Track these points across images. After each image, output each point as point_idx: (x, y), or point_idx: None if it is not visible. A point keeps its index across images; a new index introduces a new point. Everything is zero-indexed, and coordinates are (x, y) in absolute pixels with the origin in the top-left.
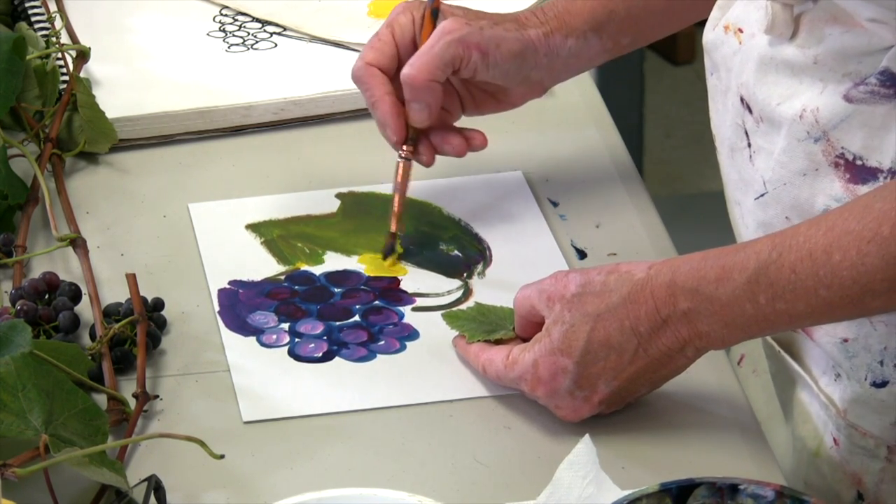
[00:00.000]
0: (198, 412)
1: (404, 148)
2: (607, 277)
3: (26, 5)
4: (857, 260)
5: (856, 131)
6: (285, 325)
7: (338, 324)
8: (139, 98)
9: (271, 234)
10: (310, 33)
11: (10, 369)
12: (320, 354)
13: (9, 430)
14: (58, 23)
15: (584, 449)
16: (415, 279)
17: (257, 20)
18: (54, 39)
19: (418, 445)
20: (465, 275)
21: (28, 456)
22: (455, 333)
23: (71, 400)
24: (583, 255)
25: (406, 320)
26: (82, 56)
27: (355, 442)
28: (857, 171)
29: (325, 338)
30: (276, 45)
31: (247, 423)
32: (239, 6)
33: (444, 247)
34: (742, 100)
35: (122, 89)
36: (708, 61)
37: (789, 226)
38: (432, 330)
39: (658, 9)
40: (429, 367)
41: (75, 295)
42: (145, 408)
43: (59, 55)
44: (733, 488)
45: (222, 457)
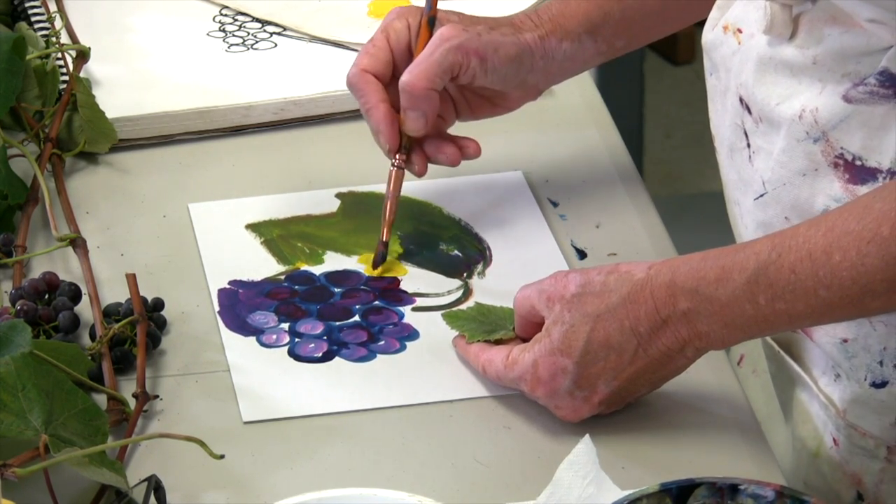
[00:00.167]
0: (198, 412)
1: (398, 157)
2: (607, 278)
3: (26, 5)
4: (857, 260)
5: (855, 131)
6: (285, 325)
7: (338, 324)
8: (139, 98)
9: (271, 233)
10: (309, 33)
11: (10, 369)
12: (320, 354)
13: (9, 430)
14: (58, 23)
15: (584, 449)
16: (415, 279)
17: (257, 20)
18: (54, 39)
19: (418, 445)
20: (465, 275)
21: (28, 456)
22: (455, 333)
23: (71, 400)
24: (583, 255)
25: (406, 320)
26: (82, 56)
27: (355, 442)
28: (857, 172)
29: (325, 338)
30: (276, 45)
31: (247, 423)
32: (239, 6)
33: (444, 247)
34: (741, 100)
35: (122, 89)
36: (707, 61)
37: (789, 226)
38: (432, 330)
39: (653, 10)
40: (429, 367)
41: (75, 295)
42: (145, 408)
43: (59, 55)
44: (733, 488)
45: (222, 457)
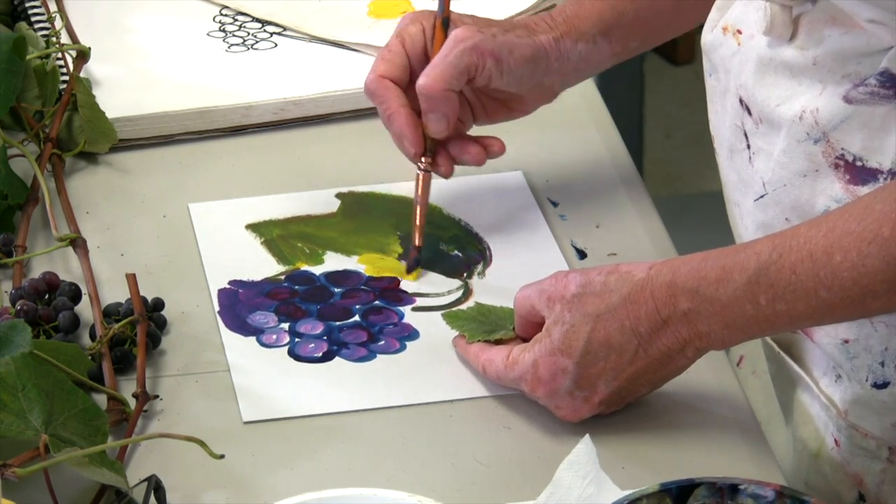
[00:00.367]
0: (198, 412)
1: (423, 160)
2: (607, 278)
3: (26, 5)
4: (858, 261)
5: (855, 132)
6: (285, 325)
7: (338, 324)
8: (139, 98)
9: (271, 234)
10: (310, 33)
11: (10, 369)
12: (320, 354)
13: (9, 430)
14: (58, 23)
15: (584, 449)
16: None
17: (257, 20)
18: (54, 39)
19: (418, 445)
20: (465, 275)
21: (28, 456)
22: (455, 333)
23: (71, 400)
24: (583, 255)
25: (406, 320)
26: (82, 56)
27: (355, 442)
28: (857, 172)
29: (325, 338)
30: (276, 45)
31: (247, 423)
32: (239, 6)
33: (444, 247)
34: (741, 101)
35: (122, 89)
36: (707, 62)
37: (789, 227)
38: (432, 330)
39: (666, 9)
40: (429, 367)
41: (75, 295)
42: (145, 408)
43: (59, 55)
44: (733, 488)
45: (222, 457)
